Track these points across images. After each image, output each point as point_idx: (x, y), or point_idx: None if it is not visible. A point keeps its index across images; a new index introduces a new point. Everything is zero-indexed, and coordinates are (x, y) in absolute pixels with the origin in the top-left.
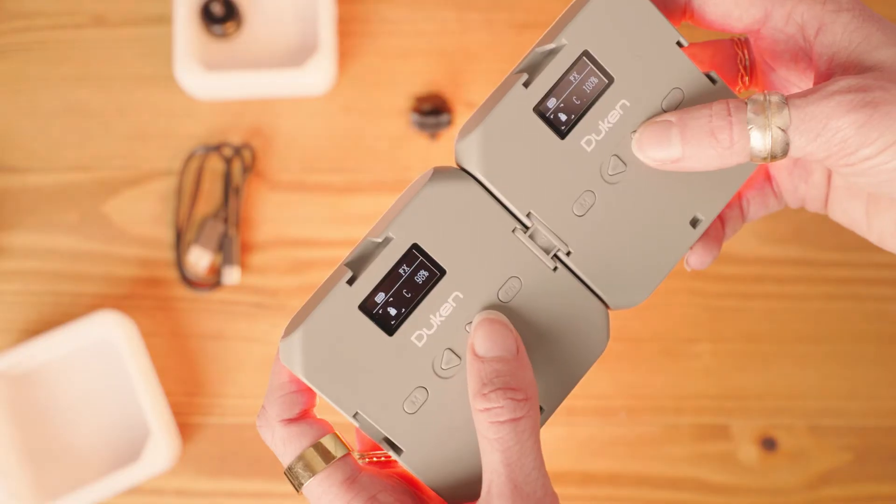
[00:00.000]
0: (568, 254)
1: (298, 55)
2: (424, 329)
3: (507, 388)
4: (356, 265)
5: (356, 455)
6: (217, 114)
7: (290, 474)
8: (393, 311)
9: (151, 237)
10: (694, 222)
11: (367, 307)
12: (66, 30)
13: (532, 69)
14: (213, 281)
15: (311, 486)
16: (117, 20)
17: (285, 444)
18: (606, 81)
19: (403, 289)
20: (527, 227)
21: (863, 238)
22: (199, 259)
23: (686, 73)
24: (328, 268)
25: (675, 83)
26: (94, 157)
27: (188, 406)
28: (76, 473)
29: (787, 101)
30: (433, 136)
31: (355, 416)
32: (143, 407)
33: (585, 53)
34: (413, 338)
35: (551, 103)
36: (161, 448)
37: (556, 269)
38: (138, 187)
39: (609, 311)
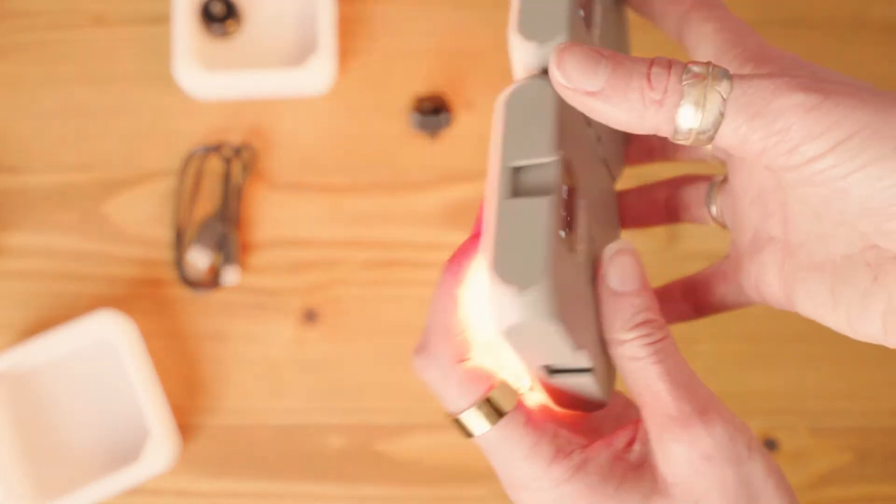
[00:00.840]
0: (599, 138)
1: (298, 55)
2: (581, 243)
3: (649, 320)
4: (530, 191)
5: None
6: (217, 114)
7: (470, 418)
8: (563, 234)
9: (151, 237)
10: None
11: (567, 242)
12: (65, 30)
13: None
14: (213, 281)
15: (495, 431)
16: (117, 20)
17: (463, 387)
18: None
19: (564, 210)
20: (590, 123)
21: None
22: (199, 259)
23: None
24: (328, 268)
25: None
26: (94, 157)
27: (188, 406)
28: (76, 473)
29: (731, 75)
30: (433, 135)
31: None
32: (143, 407)
33: None
34: (579, 254)
35: None
36: (161, 448)
37: (604, 161)
38: (138, 187)
39: None
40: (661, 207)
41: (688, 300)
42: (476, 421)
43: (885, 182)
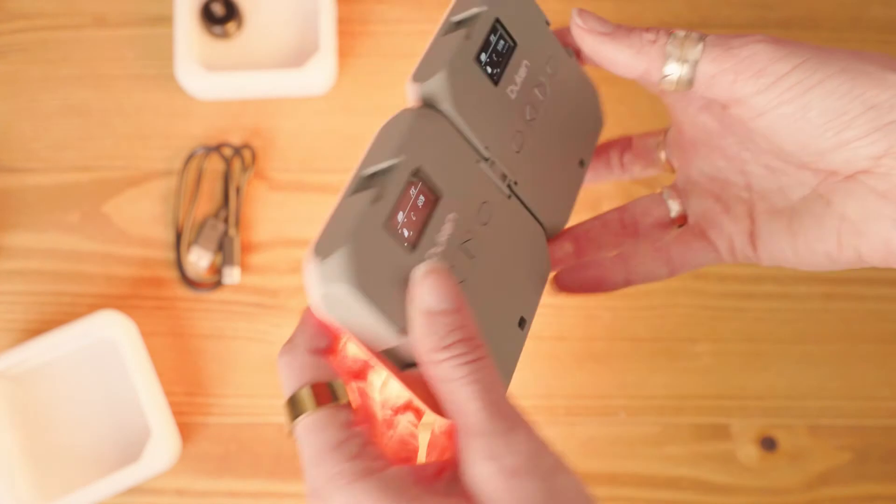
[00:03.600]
0: (515, 183)
1: (298, 55)
2: (434, 248)
3: (463, 339)
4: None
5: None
6: (217, 114)
7: (293, 402)
8: (406, 233)
9: (151, 237)
10: (581, 163)
11: (389, 227)
12: (66, 30)
13: (467, 25)
14: (214, 281)
15: (310, 419)
16: (117, 20)
17: (302, 371)
18: (513, 45)
19: (412, 212)
20: (486, 159)
21: None
22: (200, 259)
23: (556, 45)
24: None
25: (551, 51)
26: (94, 157)
27: (188, 406)
28: (76, 473)
29: (704, 35)
30: None
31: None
32: (143, 407)
33: (497, 21)
34: (426, 256)
35: (483, 57)
36: (161, 448)
37: (510, 196)
38: (138, 187)
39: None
40: (617, 230)
41: (660, 260)
42: (304, 403)
43: (840, 91)
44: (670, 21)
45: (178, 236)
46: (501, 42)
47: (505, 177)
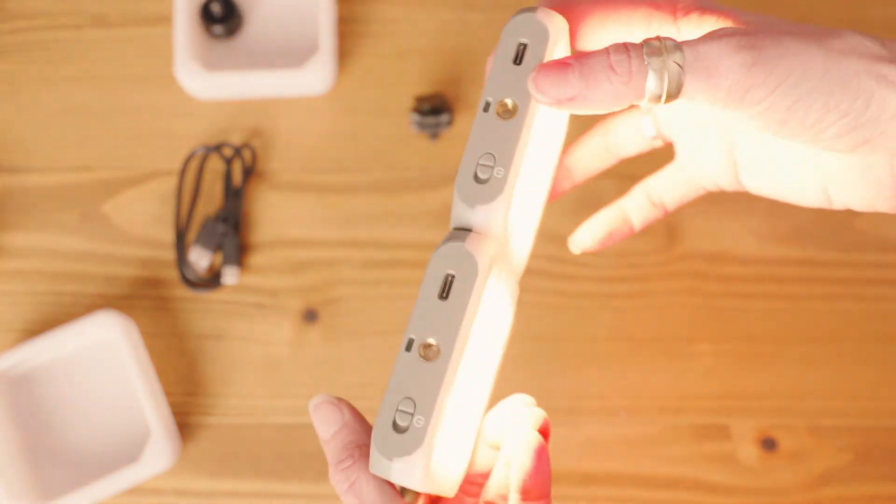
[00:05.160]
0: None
1: (298, 55)
2: None
3: (348, 455)
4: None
5: None
6: (217, 114)
7: None
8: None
9: (151, 237)
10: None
11: None
12: (66, 30)
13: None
14: (214, 281)
15: None
16: (117, 20)
17: (381, 498)
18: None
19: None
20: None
21: (863, 237)
22: (199, 259)
23: None
24: (328, 268)
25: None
26: (94, 157)
27: (188, 406)
28: (76, 473)
29: (679, 44)
30: (433, 136)
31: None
32: (143, 407)
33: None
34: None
35: None
36: (161, 448)
37: None
38: (138, 187)
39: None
40: (601, 155)
41: (654, 203)
42: None
43: (815, 106)
44: None
45: (178, 236)
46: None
47: None
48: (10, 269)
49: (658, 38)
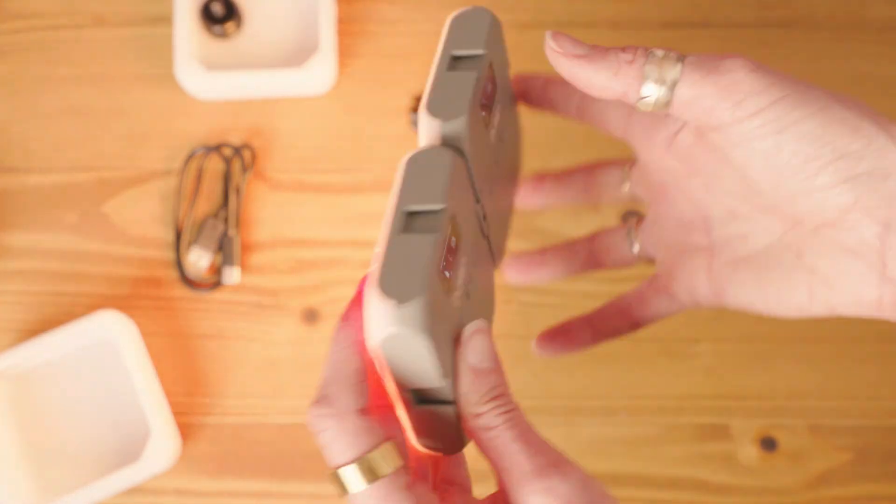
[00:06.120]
0: (484, 217)
1: (298, 55)
2: (456, 292)
3: (501, 395)
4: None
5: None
6: (217, 114)
7: (348, 474)
8: (446, 274)
9: (151, 237)
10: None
11: (440, 274)
12: (65, 30)
13: (469, 65)
14: (213, 281)
15: (374, 489)
16: (117, 20)
17: (357, 438)
18: (495, 90)
19: (449, 256)
20: (478, 201)
21: None
22: (199, 259)
23: (511, 90)
24: (328, 268)
25: (510, 96)
26: (94, 157)
27: (188, 406)
28: (76, 473)
29: (683, 56)
30: None
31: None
32: (143, 407)
33: (490, 65)
34: (453, 300)
35: (482, 101)
36: (161, 448)
37: (484, 237)
38: (138, 187)
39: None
40: (583, 258)
41: (624, 317)
42: (355, 477)
43: (813, 135)
44: (672, 20)
45: (178, 236)
46: (489, 86)
47: (484, 217)
48: (10, 269)
49: (667, 48)
